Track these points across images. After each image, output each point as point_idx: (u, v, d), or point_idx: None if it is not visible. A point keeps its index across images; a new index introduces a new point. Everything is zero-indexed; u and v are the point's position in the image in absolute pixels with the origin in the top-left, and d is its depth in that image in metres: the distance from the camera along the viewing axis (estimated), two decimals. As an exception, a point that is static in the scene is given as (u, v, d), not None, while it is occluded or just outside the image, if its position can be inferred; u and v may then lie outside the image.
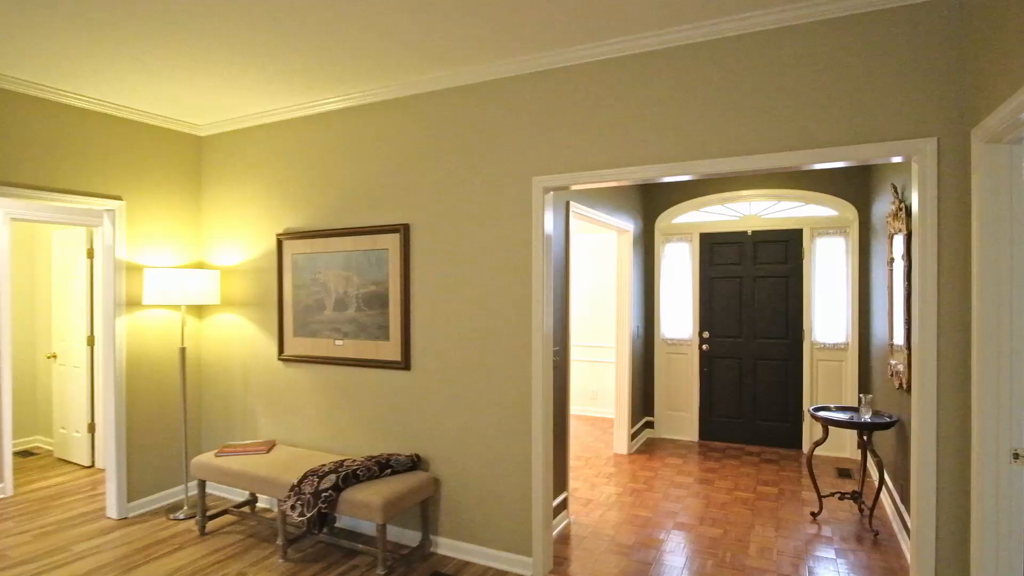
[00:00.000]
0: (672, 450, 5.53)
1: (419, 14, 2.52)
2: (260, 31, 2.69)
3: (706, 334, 5.82)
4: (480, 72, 3.16)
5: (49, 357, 5.25)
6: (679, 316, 5.93)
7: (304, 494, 3.04)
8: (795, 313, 5.49)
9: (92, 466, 5.01)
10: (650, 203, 5.95)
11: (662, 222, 5.91)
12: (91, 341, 4.95)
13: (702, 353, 5.84)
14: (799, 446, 5.49)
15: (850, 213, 5.19)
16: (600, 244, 6.87)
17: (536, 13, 2.52)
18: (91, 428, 4.98)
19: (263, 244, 4.03)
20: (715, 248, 5.77)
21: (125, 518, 3.90)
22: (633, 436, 5.53)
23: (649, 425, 6.02)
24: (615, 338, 6.58)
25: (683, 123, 2.72)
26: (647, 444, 5.74)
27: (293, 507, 3.06)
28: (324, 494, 2.98)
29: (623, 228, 5.26)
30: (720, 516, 3.93)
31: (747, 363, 5.67)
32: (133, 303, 3.93)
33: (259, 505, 4.05)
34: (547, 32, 2.72)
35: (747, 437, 5.67)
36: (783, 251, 5.51)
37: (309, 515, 2.97)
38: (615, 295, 6.55)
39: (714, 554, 3.37)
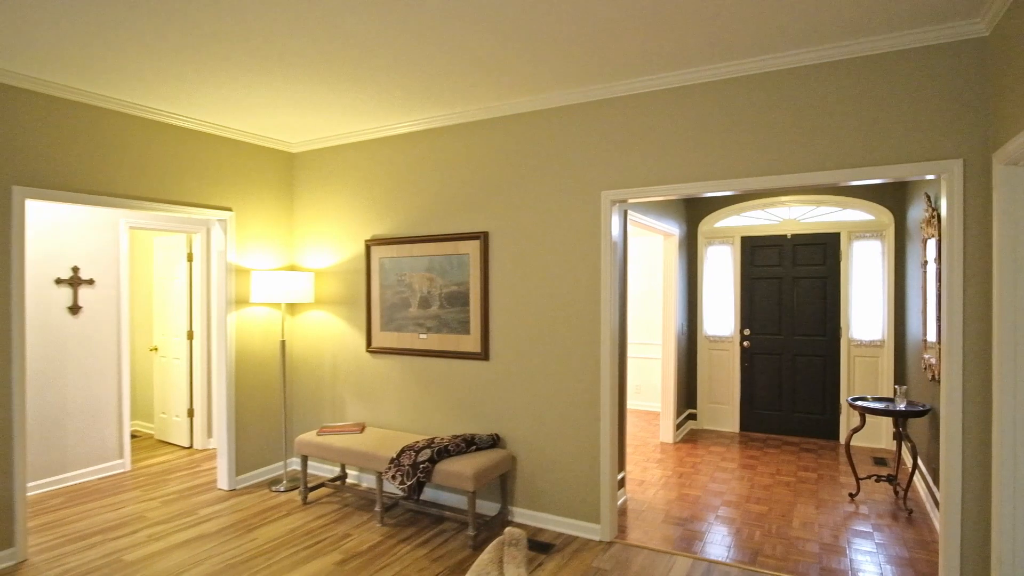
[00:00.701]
0: (715, 440, 5.91)
1: (502, 51, 2.98)
2: (356, 66, 3.18)
3: (747, 331, 6.18)
4: (554, 99, 3.61)
5: (151, 350, 5.87)
6: (721, 314, 6.30)
7: (403, 466, 3.54)
8: (833, 312, 5.81)
9: (191, 447, 5.61)
10: (694, 209, 6.33)
11: (705, 226, 6.29)
12: (190, 336, 5.55)
13: (743, 349, 6.20)
14: (836, 437, 5.81)
15: (886, 217, 5.50)
16: (645, 247, 7.26)
17: (605, 51, 2.96)
18: (190, 413, 5.58)
19: (352, 249, 4.55)
20: (756, 250, 6.13)
21: (234, 489, 4.46)
22: (678, 426, 5.92)
23: (692, 417, 6.40)
24: (660, 335, 6.98)
25: (733, 145, 3.13)
26: (690, 434, 6.13)
27: (394, 476, 3.55)
28: (422, 465, 3.47)
29: (669, 232, 5.66)
30: (764, 496, 4.31)
31: (786, 359, 6.02)
32: (240, 301, 4.48)
33: (348, 481, 4.57)
34: (615, 66, 3.15)
35: (786, 428, 6.02)
36: (821, 253, 5.84)
37: (410, 483, 3.46)
38: (660, 295, 6.95)
39: (760, 526, 3.76)
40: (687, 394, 6.33)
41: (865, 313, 5.67)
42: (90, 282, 4.71)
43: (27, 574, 3.17)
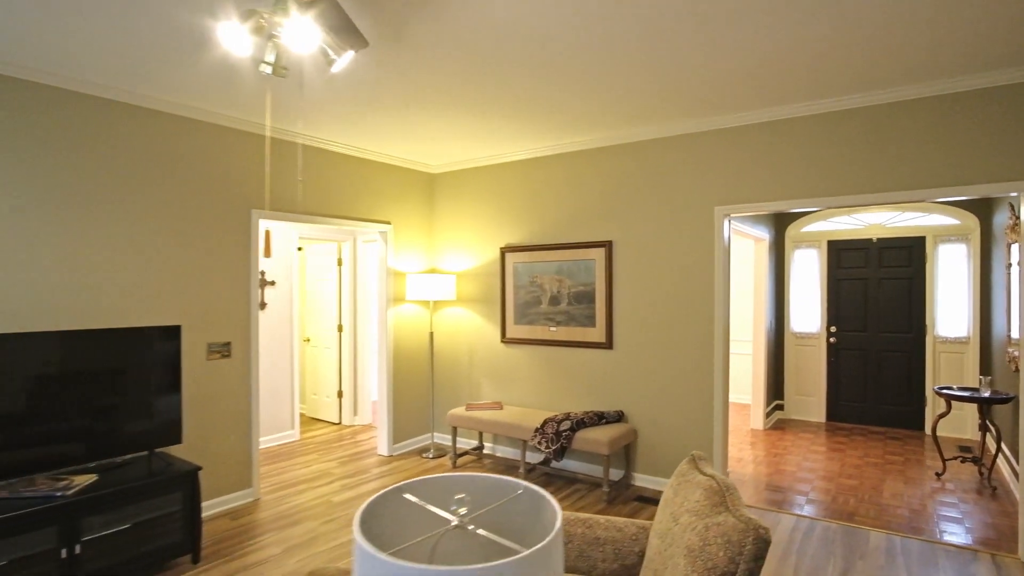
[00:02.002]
0: (802, 428, 6.41)
1: (631, 94, 3.70)
2: (511, 108, 3.97)
3: (833, 328, 6.64)
4: (672, 128, 4.30)
5: (305, 341, 6.92)
6: (807, 313, 6.79)
7: (547, 434, 4.32)
8: (918, 310, 6.21)
9: (339, 423, 6.61)
10: (783, 216, 6.84)
11: (792, 231, 6.79)
12: (340, 329, 6.55)
13: (829, 345, 6.66)
14: (922, 427, 6.21)
15: (971, 222, 5.87)
16: (735, 250, 7.79)
17: (720, 91, 3.64)
18: (339, 394, 6.58)
19: (488, 255, 5.38)
20: (842, 253, 6.58)
21: (392, 455, 5.37)
22: (767, 415, 6.46)
23: (779, 407, 6.91)
24: (748, 332, 7.50)
25: (832, 168, 3.73)
26: (778, 423, 6.65)
27: (539, 443, 4.34)
28: (564, 433, 4.24)
29: (760, 237, 6.22)
30: (855, 473, 4.84)
31: (872, 354, 6.45)
32: (394, 300, 5.38)
33: (484, 451, 5.40)
34: (728, 101, 3.82)
35: (872, 419, 6.45)
36: (907, 256, 6.25)
37: (554, 447, 4.24)
38: (749, 295, 7.47)
39: (853, 495, 4.32)
40: (775, 386, 6.84)
41: (950, 311, 6.04)
42: (272, 283, 5.74)
43: (263, 507, 4.14)
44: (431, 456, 5.31)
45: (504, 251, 5.24)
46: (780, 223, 6.86)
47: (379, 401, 5.41)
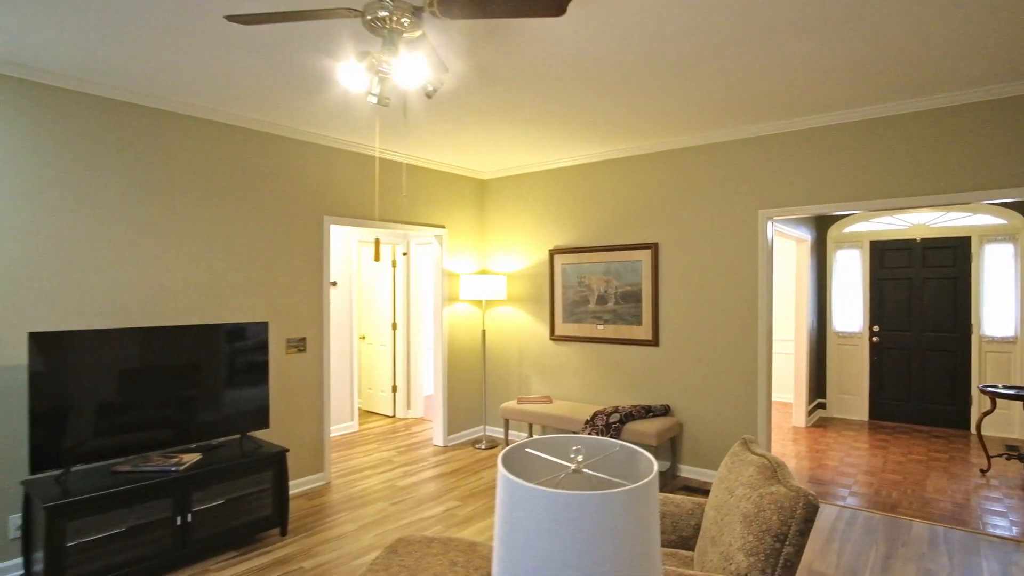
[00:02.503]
0: (844, 426, 6.50)
1: (675, 106, 3.93)
2: (562, 121, 4.24)
3: (876, 328, 6.71)
4: (715, 135, 4.50)
5: (360, 338, 7.32)
6: (849, 312, 6.86)
7: (597, 425, 4.57)
8: (963, 310, 6.24)
9: (394, 416, 6.97)
10: (824, 216, 6.92)
11: (834, 232, 6.88)
12: (394, 327, 6.91)
13: (872, 344, 6.73)
14: (967, 426, 6.23)
15: (1019, 222, 5.88)
16: (777, 250, 7.89)
17: (756, 103, 3.84)
18: (393, 389, 6.95)
19: (537, 256, 5.65)
20: (885, 253, 6.65)
21: (446, 446, 5.69)
22: (809, 413, 6.57)
23: (820, 406, 7.00)
24: (790, 331, 7.59)
25: (874, 172, 3.88)
26: (820, 420, 6.75)
27: (590, 434, 4.59)
28: (613, 425, 4.48)
29: (801, 238, 6.34)
30: (897, 468, 4.96)
31: (915, 353, 6.50)
32: (448, 299, 5.70)
33: (533, 443, 5.67)
34: (770, 111, 4.01)
35: (915, 417, 6.50)
36: (951, 256, 6.29)
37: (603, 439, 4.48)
38: (791, 294, 7.57)
39: (897, 488, 4.45)
40: (816, 384, 6.94)
41: (997, 311, 6.06)
42: (334, 284, 6.13)
43: (335, 490, 4.49)
44: (483, 447, 5.61)
45: (553, 253, 5.51)
46: (822, 224, 6.95)
47: (434, 395, 5.74)
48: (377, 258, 3.40)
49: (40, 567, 2.86)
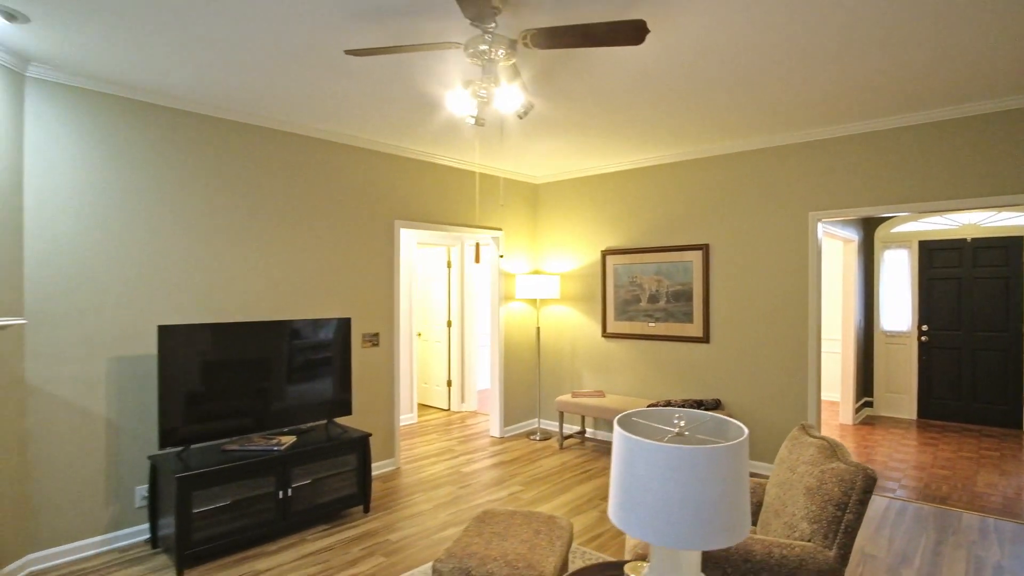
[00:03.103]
0: (892, 424, 6.57)
1: (728, 116, 4.14)
2: (613, 128, 4.49)
3: (924, 327, 6.76)
4: (765, 140, 4.69)
5: (417, 335, 7.69)
6: (897, 312, 6.92)
7: (651, 418, 4.80)
8: (1015, 310, 6.25)
9: (448, 409, 7.32)
10: (872, 217, 7.00)
11: (882, 232, 6.95)
12: (449, 324, 7.26)
13: (920, 344, 6.78)
14: (1019, 425, 6.24)
15: (1072, 221, 5.88)
16: (824, 250, 7.97)
17: (815, 109, 4.02)
18: (448, 383, 7.30)
19: (589, 257, 5.92)
20: (934, 253, 6.69)
21: (503, 437, 6.00)
22: (856, 411, 6.66)
23: (867, 404, 7.07)
24: (837, 330, 7.67)
25: (922, 176, 4.03)
26: (867, 419, 6.83)
27: (643, 426, 4.83)
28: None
29: (848, 238, 6.44)
30: (947, 464, 5.05)
31: (965, 353, 6.53)
32: (503, 298, 6.01)
33: (587, 435, 5.94)
34: (820, 117, 4.19)
35: (965, 416, 6.53)
36: (1003, 255, 6.30)
37: (658, 430, 4.72)
38: (838, 293, 7.65)
39: (947, 483, 4.57)
40: (864, 383, 7.01)
41: (1050, 311, 6.05)
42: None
43: (404, 475, 4.84)
44: (538, 438, 5.90)
45: (605, 254, 5.77)
46: (869, 224, 7.03)
47: (491, 389, 6.06)
48: (477, 260, 3.73)
49: (165, 532, 3.27)
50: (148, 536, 3.55)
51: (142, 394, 3.54)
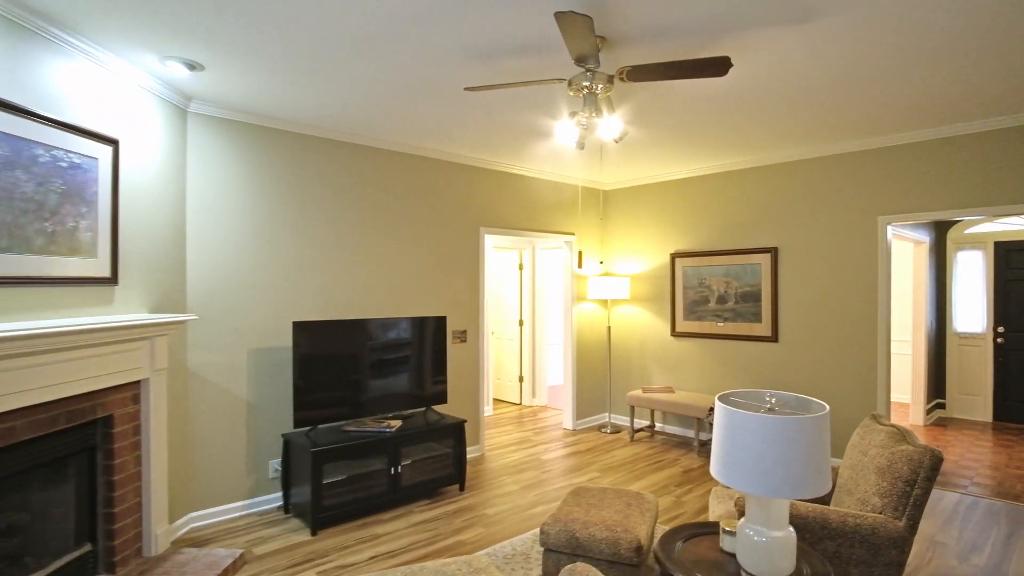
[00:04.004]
0: (965, 426, 6.56)
1: (805, 125, 4.37)
2: (689, 138, 4.78)
3: (1000, 329, 6.70)
4: (833, 147, 4.88)
5: (491, 333, 8.16)
6: (971, 313, 6.89)
7: (721, 412, 5.07)
8: (1098, 311, 6.14)
9: (520, 403, 7.75)
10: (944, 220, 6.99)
11: (954, 233, 6.93)
12: (521, 323, 7.69)
13: (996, 345, 6.73)
14: (1103, 430, 6.13)
15: None
16: (893, 251, 7.97)
17: (880, 120, 4.21)
18: (520, 379, 7.72)
19: (658, 260, 6.21)
20: (1011, 254, 6.64)
21: (575, 430, 6.37)
22: (927, 412, 6.67)
23: (939, 406, 7.05)
24: (907, 331, 7.66)
25: (992, 181, 4.15)
26: (939, 420, 6.83)
27: (713, 421, 5.10)
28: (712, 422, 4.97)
29: (919, 240, 6.48)
30: (1023, 465, 5.09)
31: (1044, 355, 6.44)
32: (577, 298, 6.38)
33: (656, 429, 6.24)
34: (885, 125, 4.37)
35: (1045, 420, 6.45)
36: (1084, 257, 6.21)
37: (728, 424, 4.99)
38: (907, 295, 7.64)
39: (1021, 482, 4.64)
40: (935, 385, 7.01)
41: None
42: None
43: (490, 460, 5.28)
44: (608, 431, 6.24)
45: (674, 256, 6.05)
46: (941, 226, 7.02)
47: (564, 384, 6.44)
48: (580, 264, 4.17)
49: (297, 499, 3.81)
50: (281, 503, 4.12)
51: (275, 381, 4.11)
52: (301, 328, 3.89)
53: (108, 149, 3.03)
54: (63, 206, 2.76)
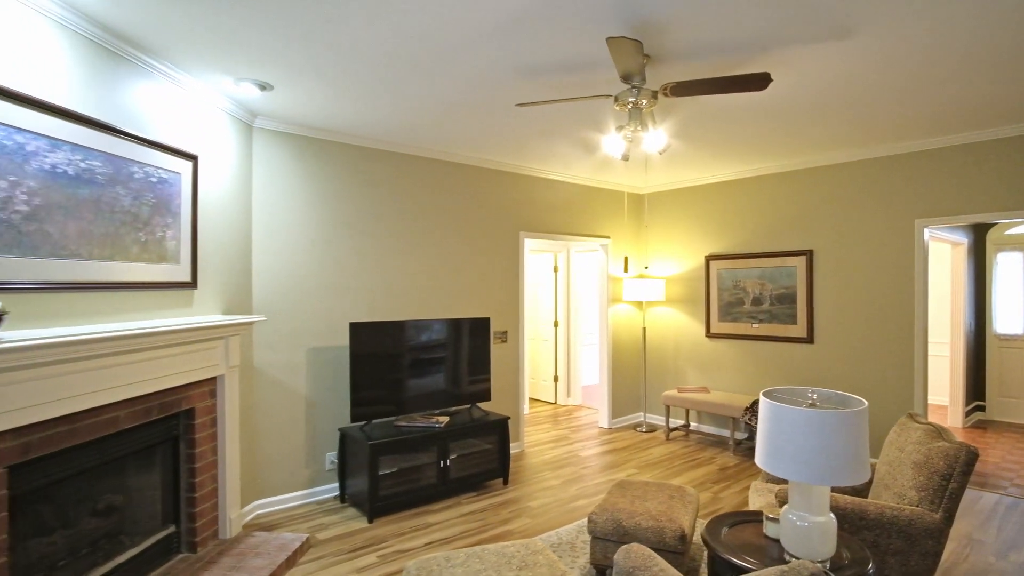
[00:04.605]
0: (1006, 429, 6.52)
1: (835, 131, 4.46)
2: (725, 145, 4.89)
3: (1042, 331, 6.64)
4: (869, 152, 4.95)
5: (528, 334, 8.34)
6: (1012, 314, 6.83)
7: (756, 411, 5.18)
8: None
9: (555, 403, 7.92)
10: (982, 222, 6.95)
11: (994, 234, 6.89)
12: (556, 324, 7.86)
13: (1037, 347, 6.67)
14: None
15: None
16: (930, 253, 7.92)
17: (918, 125, 4.28)
18: (555, 379, 7.90)
19: (692, 262, 6.33)
20: (1052, 256, 6.57)
21: (611, 428, 6.52)
22: (966, 415, 6.65)
23: (979, 408, 7.01)
24: (943, 333, 7.62)
25: (1019, 183, 4.19)
26: (978, 423, 6.79)
27: (750, 419, 5.21)
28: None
29: (957, 242, 6.47)
30: (1065, 467, 5.08)
31: (1088, 357, 6.37)
32: (612, 300, 6.53)
33: (690, 428, 6.36)
34: (916, 130, 4.43)
35: (1089, 423, 6.37)
36: None
37: (764, 423, 5.09)
38: (944, 297, 7.60)
39: (1062, 483, 4.65)
40: (974, 387, 6.97)
41: None
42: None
43: (529, 456, 5.47)
44: (643, 430, 6.38)
45: (708, 259, 6.16)
46: (979, 227, 6.98)
47: (599, 384, 6.60)
48: (626, 270, 4.34)
49: (353, 489, 4.06)
50: (337, 493, 4.37)
51: (330, 378, 4.36)
52: (357, 329, 4.14)
53: (189, 164, 3.31)
54: (153, 217, 3.04)
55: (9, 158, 2.26)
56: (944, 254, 7.69)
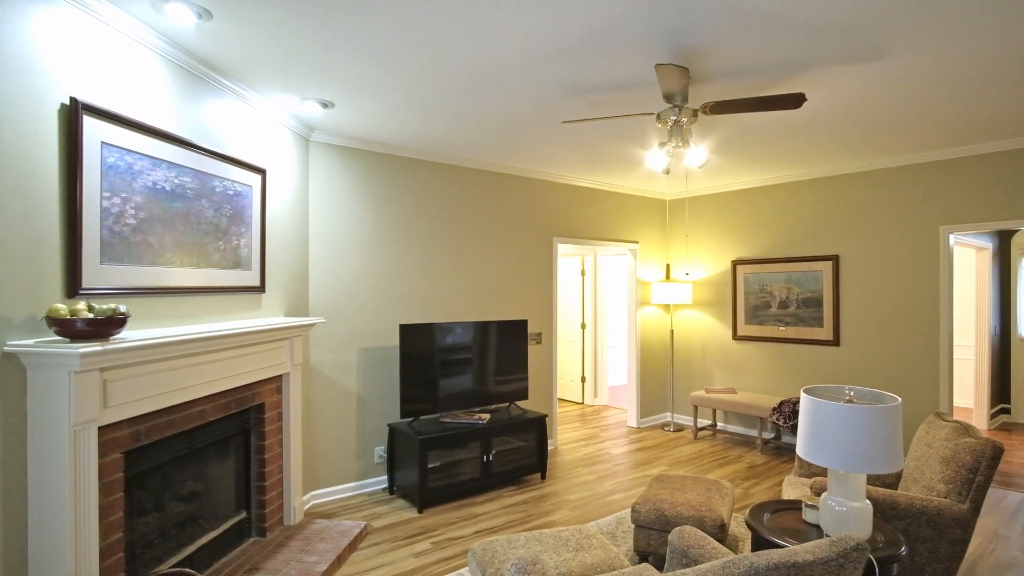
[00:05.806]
0: (1031, 430, 6.61)
1: (856, 141, 4.62)
2: (752, 155, 5.07)
3: (1067, 334, 6.71)
4: (893, 160, 5.11)
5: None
6: (1037, 318, 6.91)
7: (784, 411, 5.35)
8: None
9: (582, 403, 8.13)
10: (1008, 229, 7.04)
11: (1019, 238, 6.98)
12: (583, 326, 8.07)
13: (1063, 351, 6.74)
14: None
15: None
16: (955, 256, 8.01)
17: (943, 135, 4.43)
18: (583, 379, 8.11)
19: (719, 266, 6.51)
20: (1077, 260, 6.64)
21: (639, 428, 6.71)
22: (991, 416, 6.74)
23: (1004, 411, 7.09)
24: (968, 336, 7.70)
25: (1064, 192, 4.32)
26: (1003, 425, 6.87)
27: (777, 419, 5.39)
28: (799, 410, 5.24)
29: (982, 246, 6.57)
30: (1090, 468, 5.18)
31: (1114, 361, 6.43)
32: (641, 303, 6.73)
33: (717, 428, 6.53)
34: (942, 139, 4.58)
35: (1115, 425, 6.43)
36: None
37: (792, 423, 5.26)
38: (968, 300, 7.68)
39: (1087, 483, 4.76)
40: (999, 390, 7.05)
41: None
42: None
43: (563, 454, 5.69)
44: (671, 430, 6.56)
45: (735, 263, 6.34)
46: (1004, 232, 7.06)
47: (628, 384, 6.80)
48: (668, 277, 4.54)
49: (402, 482, 4.31)
50: (385, 485, 4.63)
51: (378, 376, 4.62)
52: (406, 330, 4.39)
53: (258, 177, 3.58)
54: (230, 227, 3.31)
55: (121, 177, 2.54)
56: (969, 258, 7.78)
